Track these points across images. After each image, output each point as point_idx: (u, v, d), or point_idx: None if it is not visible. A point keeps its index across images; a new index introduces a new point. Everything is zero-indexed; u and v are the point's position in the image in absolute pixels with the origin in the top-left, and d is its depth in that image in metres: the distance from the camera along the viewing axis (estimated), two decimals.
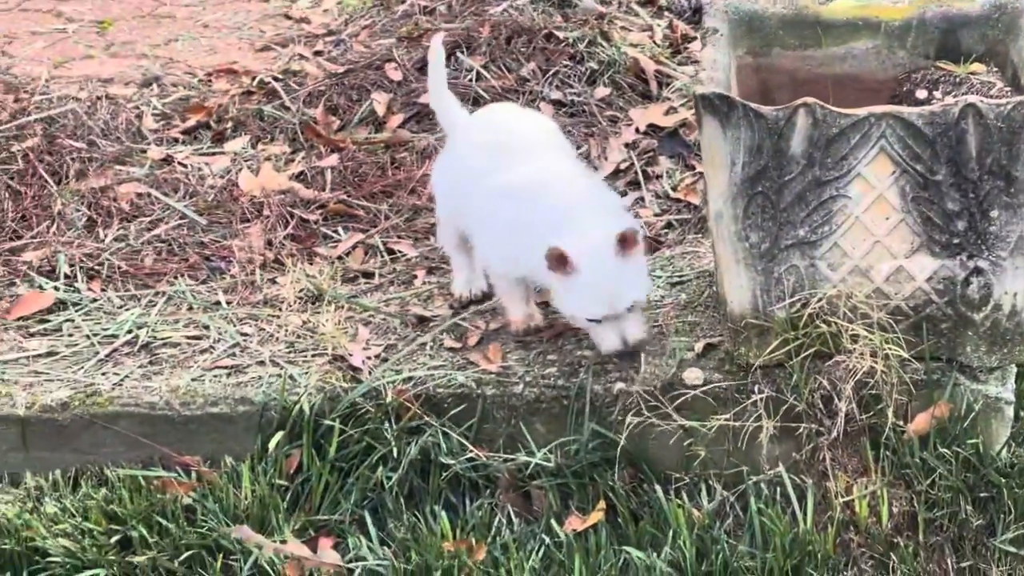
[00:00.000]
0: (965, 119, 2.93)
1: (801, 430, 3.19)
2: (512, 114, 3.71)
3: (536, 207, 3.25)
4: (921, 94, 3.33)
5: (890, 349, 3.10)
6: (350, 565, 3.14)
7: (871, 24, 3.43)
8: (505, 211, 3.31)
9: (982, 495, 3.14)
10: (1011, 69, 3.28)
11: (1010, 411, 3.18)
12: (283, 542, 3.17)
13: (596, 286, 3.16)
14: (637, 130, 4.55)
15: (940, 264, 3.06)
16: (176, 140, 4.76)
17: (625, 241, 3.14)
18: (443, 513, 3.20)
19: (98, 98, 4.94)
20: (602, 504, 3.20)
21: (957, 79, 3.33)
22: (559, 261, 3.14)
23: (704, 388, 3.22)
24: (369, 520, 3.22)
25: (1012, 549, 3.12)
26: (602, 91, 4.76)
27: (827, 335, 3.12)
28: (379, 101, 4.81)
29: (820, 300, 3.09)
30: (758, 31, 3.46)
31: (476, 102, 4.70)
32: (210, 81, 5.24)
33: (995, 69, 3.35)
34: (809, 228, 3.05)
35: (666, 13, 5.35)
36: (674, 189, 4.22)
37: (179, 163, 4.56)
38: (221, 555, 3.16)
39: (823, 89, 3.37)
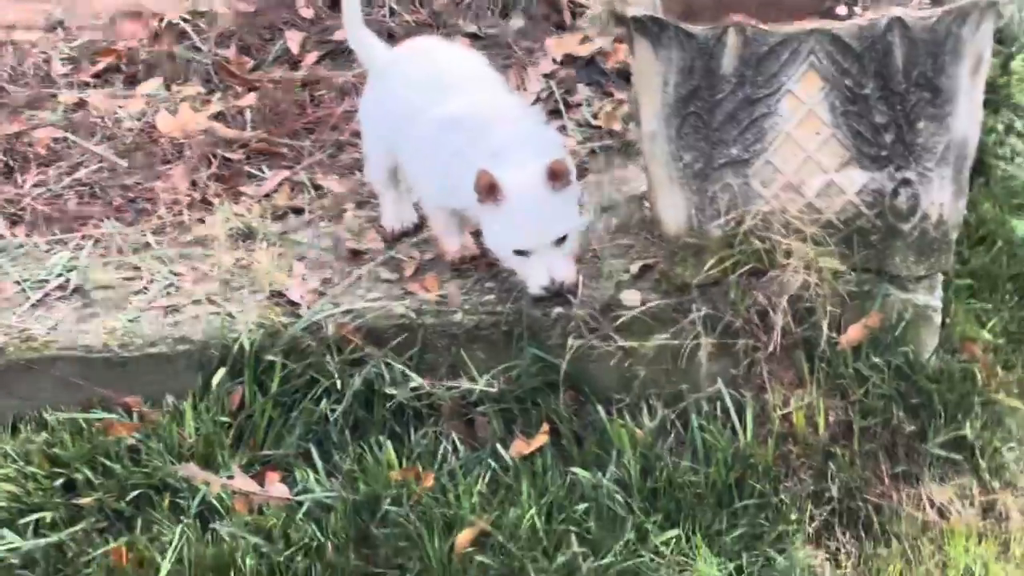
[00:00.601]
0: (891, 32, 2.98)
1: (738, 346, 3.24)
2: (443, 48, 3.70)
3: (474, 139, 3.26)
4: (841, 11, 3.37)
5: (823, 262, 3.16)
6: (298, 498, 3.14)
7: None
8: (443, 143, 3.33)
9: (913, 402, 3.22)
10: None
11: (938, 319, 3.25)
12: (230, 477, 3.17)
13: (524, 215, 3.18)
14: (553, 60, 4.57)
15: (869, 177, 3.12)
16: (87, 84, 4.70)
17: (555, 173, 3.16)
18: (388, 443, 3.22)
19: (2, 43, 4.86)
20: (546, 427, 3.24)
21: None
22: (489, 190, 3.16)
23: (642, 309, 3.26)
24: (315, 453, 3.23)
25: (943, 453, 3.21)
26: (517, 23, 4.76)
27: (761, 251, 3.17)
28: (292, 39, 4.78)
29: (754, 217, 3.14)
30: None
31: (391, 37, 4.67)
32: (115, 23, 5.16)
33: None
34: (742, 146, 3.10)
35: None
36: (595, 117, 4.24)
37: (93, 107, 4.49)
38: (168, 493, 3.16)
39: (748, 11, 3.40)
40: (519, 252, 3.24)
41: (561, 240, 3.22)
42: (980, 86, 3.06)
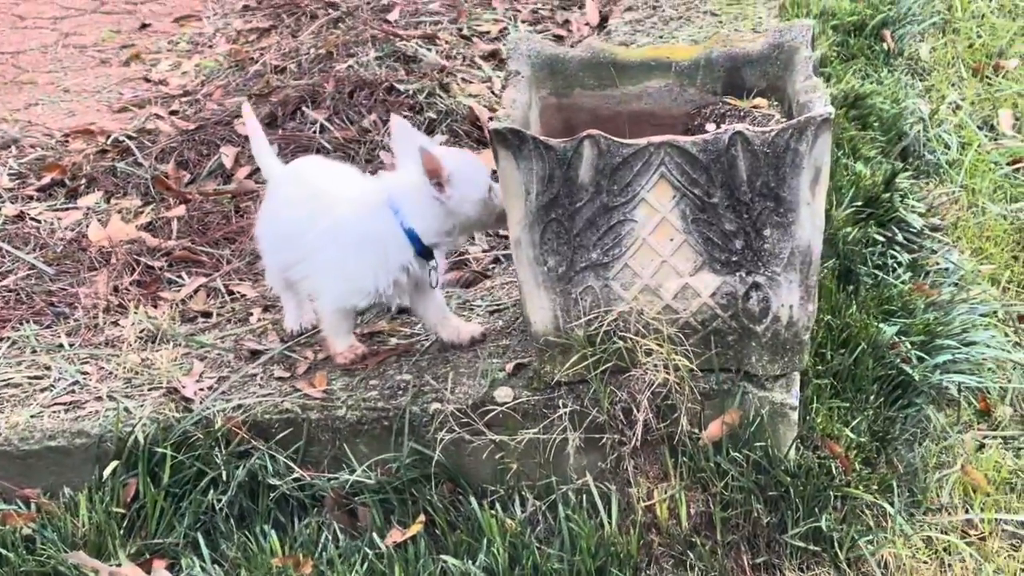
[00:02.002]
0: (735, 146, 3.18)
1: (605, 440, 3.41)
2: (316, 166, 3.91)
3: (368, 222, 3.51)
4: (710, 127, 3.58)
5: (680, 361, 3.34)
6: None
7: (663, 64, 3.70)
8: (340, 243, 3.54)
9: (772, 494, 3.36)
10: (788, 102, 3.55)
11: (795, 415, 3.41)
12: (118, 566, 3.33)
13: (468, 174, 3.51)
14: None
15: (722, 280, 3.31)
16: (31, 197, 4.94)
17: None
18: (272, 532, 3.39)
19: None
20: (422, 517, 3.40)
21: (742, 112, 3.59)
22: (434, 170, 3.45)
23: (513, 404, 3.43)
24: (202, 542, 3.39)
25: (802, 544, 3.34)
26: (440, 139, 5.00)
27: (623, 350, 3.35)
28: (227, 155, 5.03)
29: (615, 318, 3.33)
30: (560, 73, 3.70)
31: (320, 153, 4.92)
32: (67, 141, 5.43)
33: (775, 103, 3.62)
34: (601, 251, 3.29)
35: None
36: None
37: (31, 218, 4.73)
38: None
39: (622, 125, 3.63)
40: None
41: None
42: (821, 196, 3.25)
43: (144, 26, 6.71)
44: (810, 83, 3.38)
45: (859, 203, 4.22)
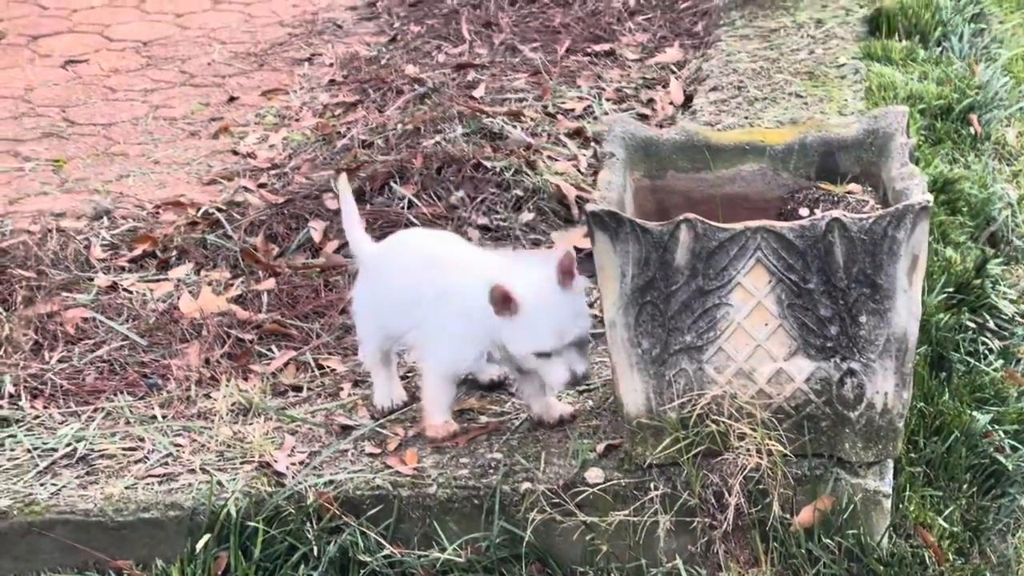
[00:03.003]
0: (832, 232, 3.19)
1: (695, 524, 3.41)
2: (421, 234, 3.99)
3: (479, 289, 3.51)
4: (803, 212, 3.59)
5: (773, 446, 3.33)
6: None
7: (757, 148, 3.71)
8: (452, 305, 3.58)
9: None
10: (883, 188, 3.56)
11: (888, 503, 3.40)
12: None
13: (542, 319, 3.44)
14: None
15: (816, 366, 3.30)
16: (123, 268, 5.00)
17: (565, 270, 3.43)
18: None
19: (49, 230, 5.19)
20: None
21: (835, 198, 3.60)
22: (504, 301, 3.42)
23: (604, 485, 3.43)
24: None
25: None
26: (527, 216, 5.04)
27: (716, 433, 3.35)
28: (316, 228, 5.08)
29: (708, 401, 3.33)
30: (654, 155, 3.73)
31: (408, 227, 4.97)
32: (158, 213, 5.49)
33: (869, 188, 3.62)
34: (695, 334, 3.30)
35: (592, 143, 5.65)
36: (591, 306, 4.45)
37: (124, 289, 4.79)
38: None
39: (715, 209, 3.64)
40: (541, 354, 3.47)
41: (582, 341, 3.49)
42: (918, 283, 3.25)
43: (232, 99, 6.80)
44: (907, 170, 3.39)
45: (950, 289, 4.21)
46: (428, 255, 3.76)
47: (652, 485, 3.42)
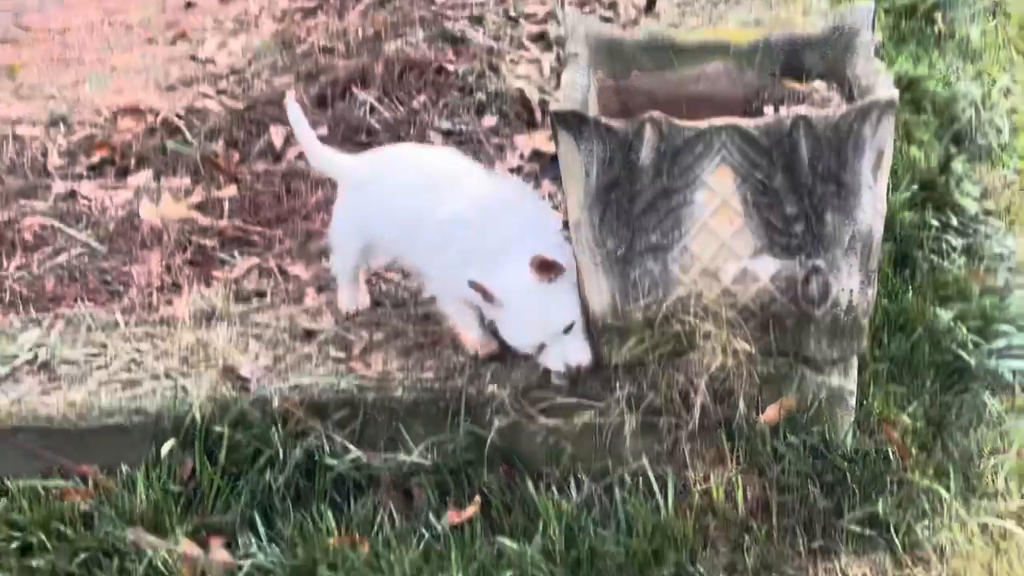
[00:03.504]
0: (797, 129, 3.17)
1: (661, 424, 3.41)
2: (421, 152, 3.92)
3: (479, 236, 3.43)
4: (768, 110, 3.57)
5: (739, 345, 3.33)
6: (240, 562, 3.31)
7: (721, 47, 3.68)
8: (451, 242, 3.48)
9: (829, 479, 3.36)
10: (848, 85, 3.53)
11: (852, 400, 3.41)
12: (176, 543, 3.34)
13: (523, 314, 3.37)
14: (522, 156, 4.79)
15: (782, 264, 3.29)
16: (81, 175, 4.95)
17: (541, 267, 3.33)
18: (328, 512, 3.39)
19: (4, 137, 5.12)
20: (478, 499, 3.41)
21: (800, 95, 3.57)
22: (485, 296, 3.35)
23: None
24: (259, 520, 3.40)
25: (858, 529, 3.33)
26: (489, 120, 5.00)
27: (681, 333, 3.34)
28: (277, 134, 5.03)
29: (673, 301, 3.32)
30: (618, 55, 3.69)
31: (370, 133, 4.93)
32: (116, 120, 5.43)
33: (835, 86, 3.59)
34: (661, 233, 3.28)
35: (555, 46, 5.59)
36: (556, 208, 4.43)
37: (83, 197, 4.74)
38: (117, 557, 3.33)
39: (680, 108, 3.61)
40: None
41: (569, 327, 3.39)
42: (883, 180, 3.23)
43: (189, 5, 6.71)
44: (872, 66, 3.37)
45: (915, 187, 4.21)
46: (426, 174, 3.67)
47: (618, 385, 3.40)
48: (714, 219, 3.27)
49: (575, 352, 3.39)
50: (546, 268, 3.34)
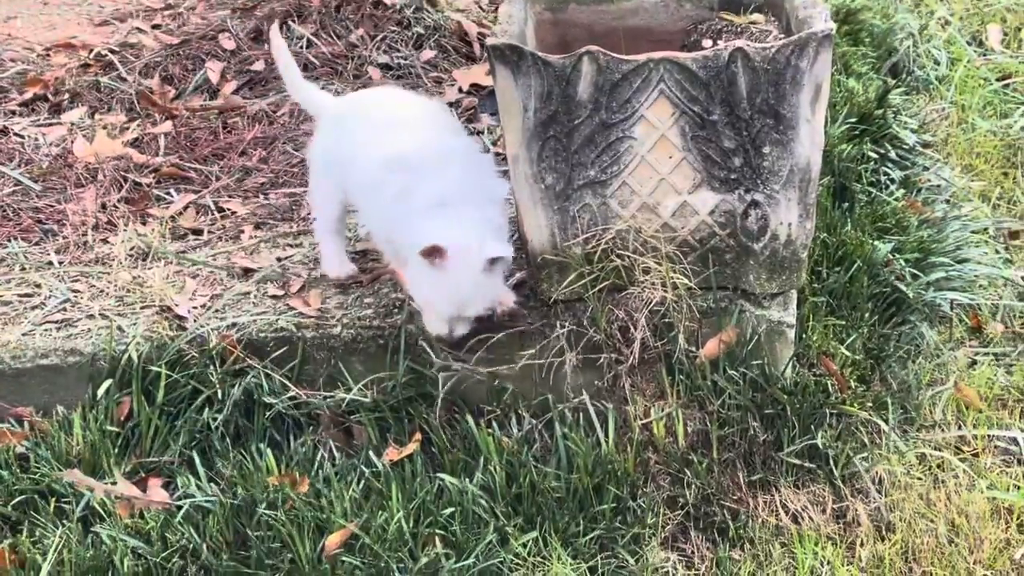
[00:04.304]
0: (735, 62, 3.15)
1: (601, 359, 3.40)
2: (395, 94, 3.85)
3: (419, 181, 3.35)
4: (707, 43, 3.55)
5: (679, 279, 3.33)
6: (179, 503, 3.29)
7: None
8: (388, 182, 3.40)
9: (768, 412, 3.37)
10: (785, 18, 3.51)
11: (791, 334, 3.41)
12: (113, 484, 3.32)
13: (457, 290, 3.27)
14: (460, 90, 4.76)
15: (721, 198, 3.29)
16: (13, 112, 4.87)
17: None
18: (268, 450, 3.38)
19: None
20: (418, 436, 3.40)
21: (739, 28, 3.56)
22: (431, 253, 3.22)
23: (509, 324, 3.42)
24: (198, 460, 3.38)
25: (797, 461, 3.36)
26: (428, 54, 4.95)
27: (621, 268, 3.34)
28: (213, 70, 4.97)
29: (612, 236, 3.31)
30: None
31: (307, 68, 4.87)
32: (48, 56, 5.34)
33: (773, 19, 3.58)
34: (599, 168, 3.27)
35: None
36: (494, 143, 4.41)
37: (15, 134, 4.67)
38: (54, 499, 3.30)
39: (618, 41, 3.58)
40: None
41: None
42: (821, 113, 3.22)
43: None
44: None
45: (852, 120, 4.21)
46: (386, 114, 3.60)
47: (558, 322, 3.40)
48: (652, 153, 3.25)
49: (463, 327, 3.33)
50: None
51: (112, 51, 5.20)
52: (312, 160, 3.76)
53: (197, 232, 4.03)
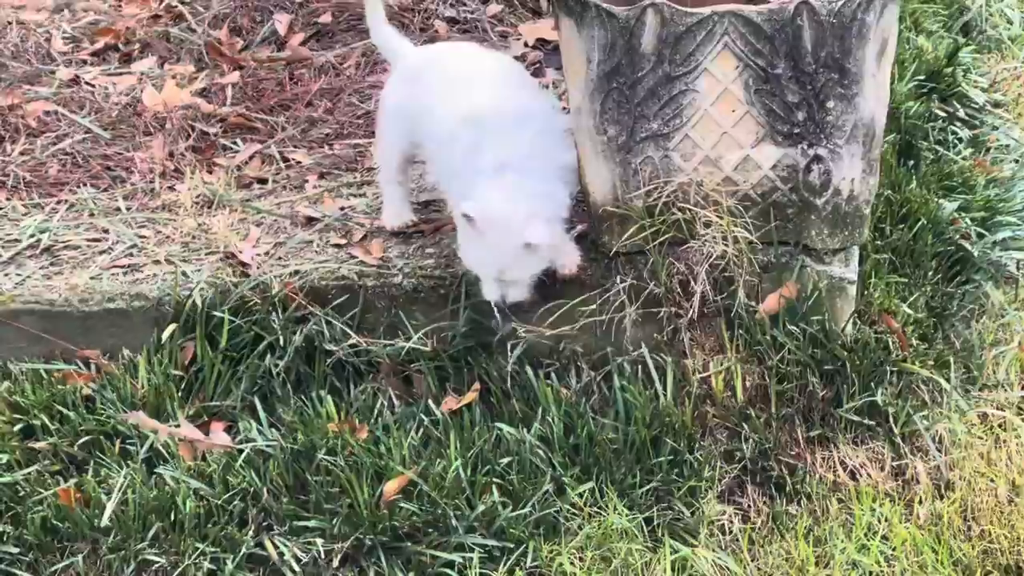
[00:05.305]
0: (800, 16, 3.14)
1: (661, 313, 3.41)
2: (476, 50, 3.85)
3: (490, 140, 3.35)
4: None
5: (740, 233, 3.32)
6: (240, 446, 3.34)
7: None
8: (460, 137, 3.41)
9: (828, 368, 3.36)
10: None
11: (852, 290, 3.40)
12: (177, 426, 3.37)
13: (495, 258, 3.30)
14: (526, 44, 4.76)
15: (783, 153, 3.27)
16: (85, 62, 4.93)
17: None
18: (328, 397, 3.41)
19: (9, 23, 5.09)
20: (477, 385, 3.42)
21: None
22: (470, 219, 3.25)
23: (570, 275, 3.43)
24: (259, 405, 3.42)
25: (856, 418, 3.35)
26: (494, 8, 4.95)
27: (682, 221, 3.33)
28: (280, 21, 4.99)
29: (674, 189, 3.31)
30: None
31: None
32: (120, 6, 5.39)
33: None
34: (662, 121, 3.26)
35: None
36: (560, 98, 4.40)
37: (86, 83, 4.72)
38: (119, 440, 3.36)
39: None
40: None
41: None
42: (886, 69, 3.21)
43: None
44: None
45: (921, 77, 4.17)
46: (470, 72, 3.59)
47: (619, 276, 3.40)
48: (716, 107, 3.24)
49: (516, 291, 3.34)
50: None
51: (182, 2, 5.23)
52: (383, 106, 3.75)
53: (262, 181, 4.07)
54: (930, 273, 3.62)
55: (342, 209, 3.84)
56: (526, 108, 3.47)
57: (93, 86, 4.72)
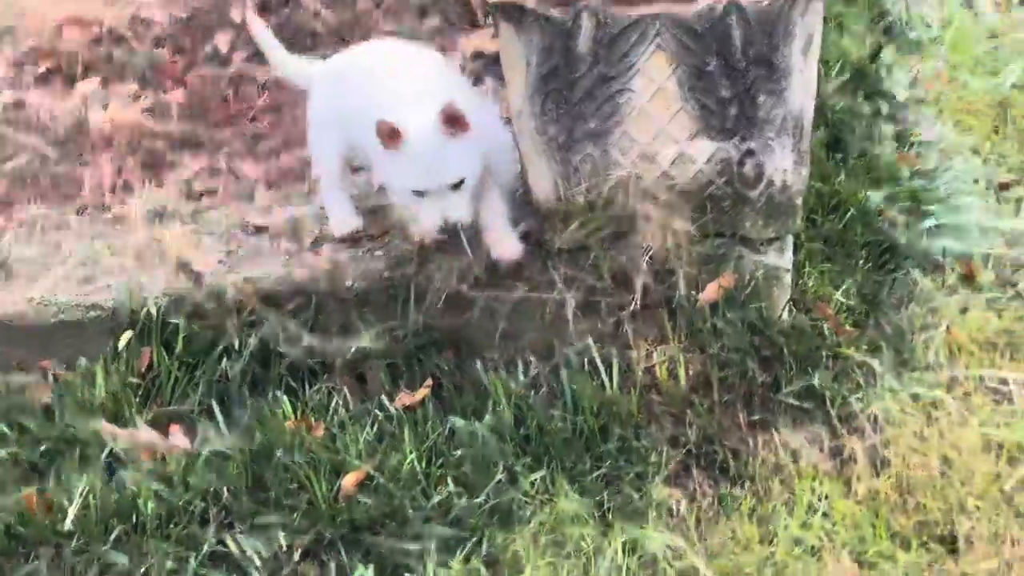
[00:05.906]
0: (730, 15, 3.26)
1: (605, 305, 3.52)
2: (392, 45, 3.93)
3: (382, 86, 3.48)
4: None
5: (678, 226, 3.44)
6: (199, 449, 3.41)
7: None
8: (347, 92, 3.53)
9: (766, 355, 3.48)
10: None
11: (788, 279, 3.53)
12: (136, 431, 3.45)
13: (421, 159, 3.34)
14: (464, 56, 4.86)
15: (717, 147, 3.40)
16: (29, 85, 4.98)
17: (449, 119, 3.31)
18: (284, 397, 3.50)
19: None
20: (429, 381, 3.52)
21: None
22: (389, 135, 3.32)
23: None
24: (217, 408, 3.50)
25: (794, 402, 3.46)
26: (432, 21, 5.06)
27: (622, 216, 3.45)
28: (222, 40, 5.07)
29: (613, 184, 3.42)
30: None
31: (315, 37, 4.99)
32: (60, 30, 5.44)
33: None
34: (600, 119, 3.38)
35: None
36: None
37: (30, 104, 4.78)
38: (78, 447, 3.43)
39: None
40: (416, 192, 3.41)
41: (458, 184, 3.38)
42: (812, 64, 3.34)
43: None
44: None
45: (846, 76, 4.32)
46: (393, 65, 3.67)
47: (561, 269, 3.51)
48: (651, 104, 3.37)
49: (455, 209, 3.38)
50: (453, 121, 3.32)
51: (123, 26, 5.29)
52: (311, 121, 3.82)
53: (211, 193, 4.15)
54: (861, 261, 3.75)
55: (292, 217, 3.92)
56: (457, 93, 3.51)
57: (38, 108, 4.78)
